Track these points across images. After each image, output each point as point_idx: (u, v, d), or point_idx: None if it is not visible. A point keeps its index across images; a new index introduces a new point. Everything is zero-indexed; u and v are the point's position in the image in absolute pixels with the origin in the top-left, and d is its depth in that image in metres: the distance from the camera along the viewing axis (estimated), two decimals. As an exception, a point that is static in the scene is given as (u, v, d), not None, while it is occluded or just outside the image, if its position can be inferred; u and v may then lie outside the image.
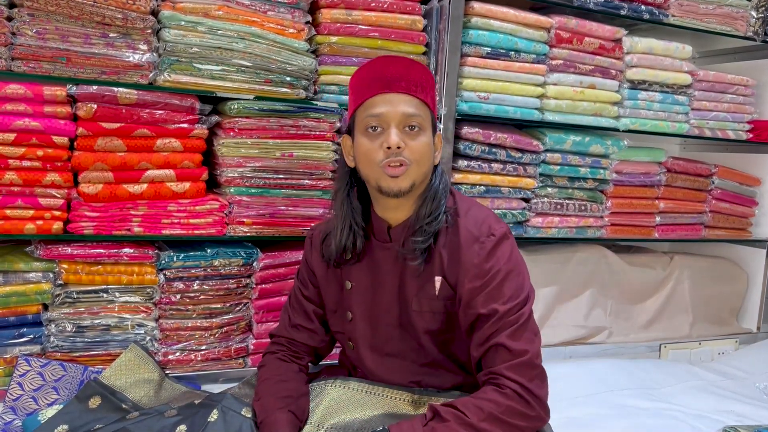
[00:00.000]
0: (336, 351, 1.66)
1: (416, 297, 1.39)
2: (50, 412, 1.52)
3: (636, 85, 2.42)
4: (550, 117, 2.29)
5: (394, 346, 1.44)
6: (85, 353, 1.78)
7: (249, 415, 1.37)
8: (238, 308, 1.97)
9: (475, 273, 1.31)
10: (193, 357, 1.90)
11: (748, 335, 2.79)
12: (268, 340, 1.82)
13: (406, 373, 1.44)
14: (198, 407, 1.42)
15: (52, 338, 1.75)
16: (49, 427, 1.47)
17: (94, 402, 1.52)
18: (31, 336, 1.74)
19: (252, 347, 1.99)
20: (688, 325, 2.71)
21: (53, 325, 1.75)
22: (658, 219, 2.57)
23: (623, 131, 2.43)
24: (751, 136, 2.70)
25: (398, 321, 1.43)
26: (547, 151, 2.31)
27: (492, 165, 2.23)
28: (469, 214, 1.39)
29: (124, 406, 1.53)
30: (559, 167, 2.34)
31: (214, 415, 1.36)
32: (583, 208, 2.41)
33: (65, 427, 1.46)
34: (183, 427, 1.36)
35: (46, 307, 1.77)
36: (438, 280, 1.36)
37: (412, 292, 1.39)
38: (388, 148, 1.31)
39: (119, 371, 1.60)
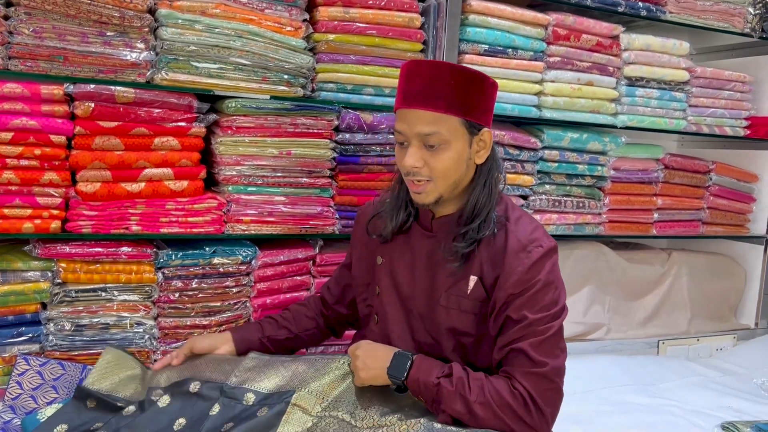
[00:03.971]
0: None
1: (446, 292, 1.39)
2: (49, 411, 1.52)
3: (633, 81, 2.43)
4: (547, 114, 2.29)
5: (411, 335, 1.45)
6: (84, 352, 1.78)
7: (250, 403, 1.38)
8: (236, 306, 1.96)
9: (517, 280, 1.31)
10: (192, 355, 1.90)
11: (746, 331, 2.80)
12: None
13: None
14: (196, 398, 1.42)
15: (50, 337, 1.75)
16: (48, 426, 1.47)
17: (91, 403, 1.52)
18: (30, 335, 1.74)
19: (251, 345, 1.99)
20: (686, 321, 2.72)
21: (52, 324, 1.75)
22: (655, 216, 2.57)
23: (621, 128, 2.44)
24: (748, 132, 2.70)
25: (421, 312, 1.43)
26: (544, 148, 2.31)
27: (490, 162, 2.23)
28: (520, 222, 1.39)
29: (118, 404, 1.53)
30: (557, 164, 2.34)
31: (215, 409, 1.37)
32: (581, 205, 2.42)
33: (64, 426, 1.46)
34: (182, 420, 1.37)
35: (44, 305, 1.77)
36: (473, 279, 1.36)
37: (443, 286, 1.40)
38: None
39: (102, 374, 1.59)
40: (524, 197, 2.34)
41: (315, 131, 1.97)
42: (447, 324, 1.40)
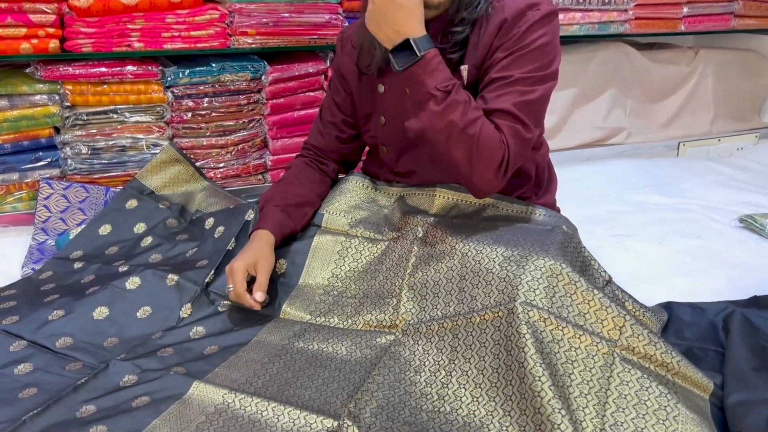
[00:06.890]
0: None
1: None
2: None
3: None
4: None
5: (424, 149, 1.41)
6: (104, 175, 1.79)
7: None
8: (251, 125, 1.93)
9: (511, 44, 1.22)
10: (212, 174, 1.91)
11: (768, 129, 2.75)
12: (286, 156, 1.81)
13: (436, 178, 1.43)
14: (233, 210, 1.46)
15: (69, 161, 1.74)
16: (95, 225, 1.53)
17: (131, 204, 1.57)
18: (48, 159, 1.74)
19: (270, 163, 1.98)
20: (708, 122, 2.66)
21: (68, 148, 1.74)
22: (685, 10, 2.41)
23: None
24: None
25: None
26: (569, -64, 2.11)
27: (509, -44, 2.05)
28: None
29: (161, 205, 1.57)
30: (582, -45, 2.16)
31: (250, 215, 1.40)
32: (606, 1, 2.25)
33: (108, 227, 1.52)
34: (221, 228, 1.42)
35: (57, 130, 1.74)
36: (464, 69, 1.28)
37: None
38: None
39: (154, 171, 1.63)
40: (546, -5, 2.17)
41: (317, -73, 1.80)
42: None
